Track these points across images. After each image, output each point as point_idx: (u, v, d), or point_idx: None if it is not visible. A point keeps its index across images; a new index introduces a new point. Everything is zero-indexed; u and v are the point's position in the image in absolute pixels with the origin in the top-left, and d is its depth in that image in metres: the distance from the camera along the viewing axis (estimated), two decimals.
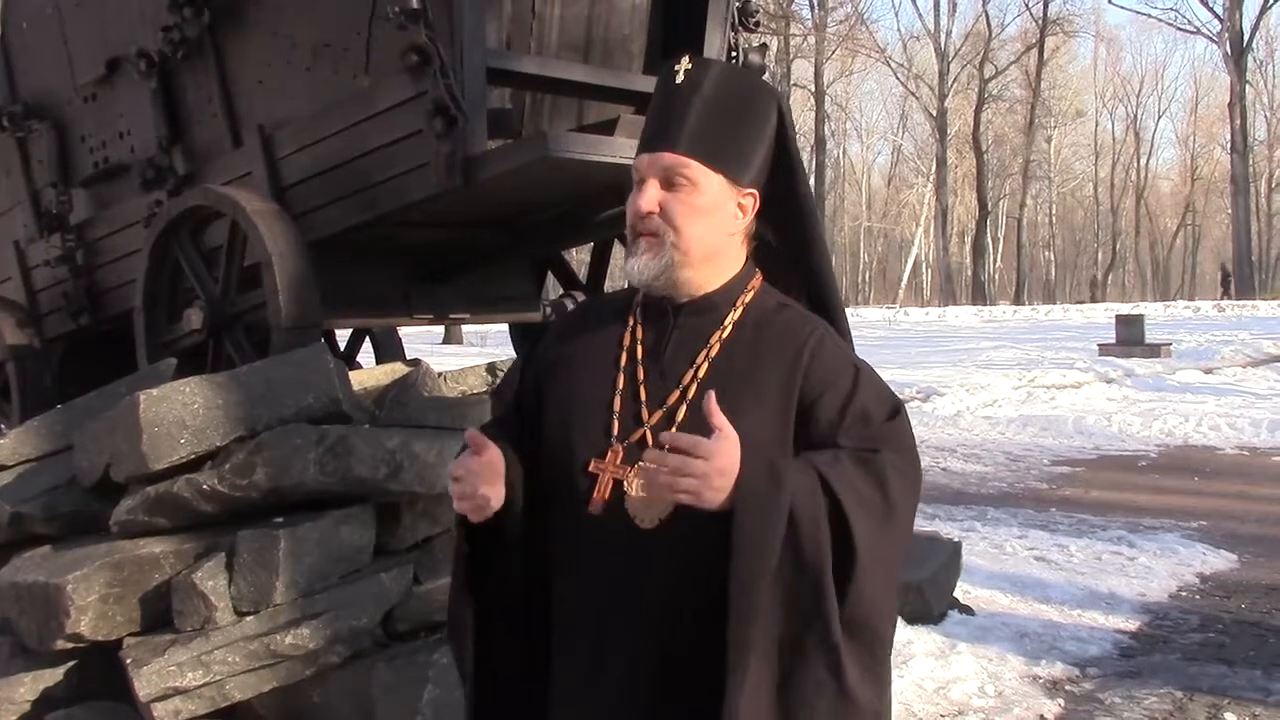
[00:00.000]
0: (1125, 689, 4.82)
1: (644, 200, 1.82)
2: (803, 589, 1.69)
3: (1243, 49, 50.07)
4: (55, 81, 6.10)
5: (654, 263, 1.82)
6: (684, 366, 1.83)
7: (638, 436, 1.80)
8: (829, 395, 1.80)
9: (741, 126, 1.86)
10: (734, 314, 1.86)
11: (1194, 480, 10.03)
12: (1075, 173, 74.89)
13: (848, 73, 64.32)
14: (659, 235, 1.82)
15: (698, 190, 1.82)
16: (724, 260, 1.88)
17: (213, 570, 3.67)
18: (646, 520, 1.77)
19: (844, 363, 1.84)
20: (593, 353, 1.91)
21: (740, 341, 1.84)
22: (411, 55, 4.42)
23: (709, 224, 1.83)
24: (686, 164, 1.81)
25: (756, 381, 1.80)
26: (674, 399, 1.81)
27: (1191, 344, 24.47)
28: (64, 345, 6.37)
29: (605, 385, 1.86)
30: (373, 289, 5.52)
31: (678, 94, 1.85)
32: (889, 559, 1.76)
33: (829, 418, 1.79)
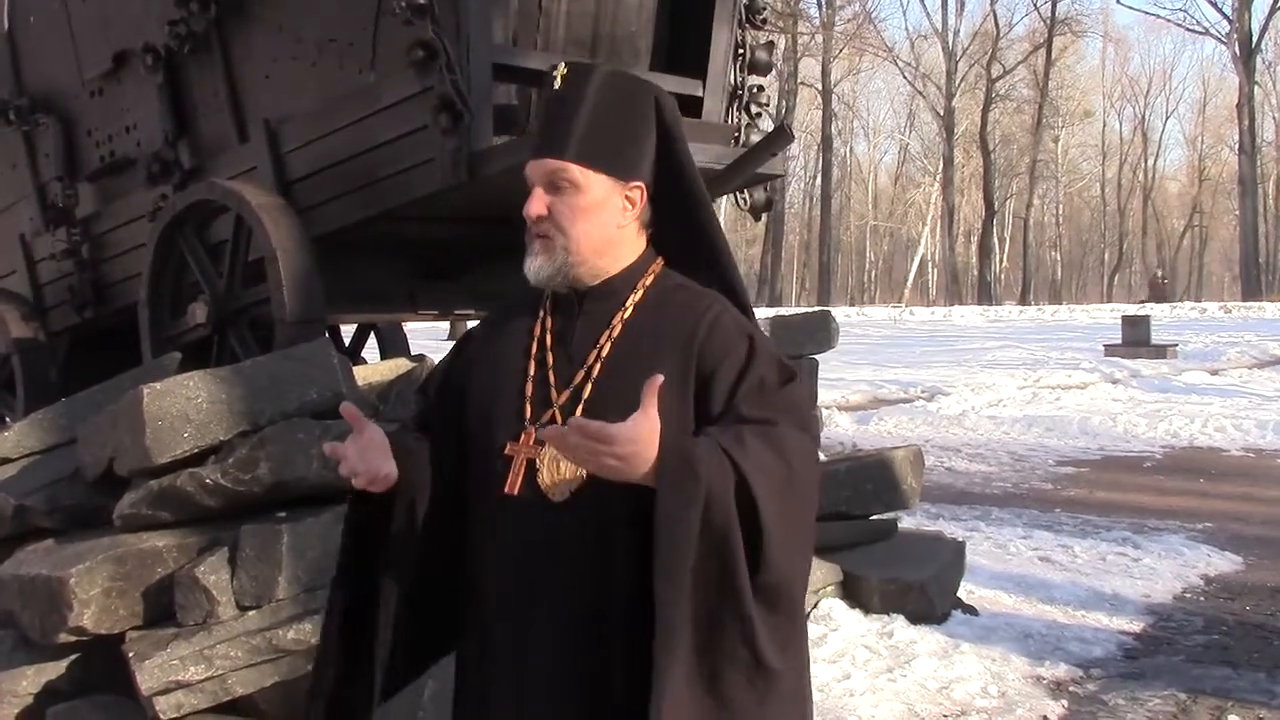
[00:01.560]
0: (1129, 690, 4.81)
1: (531, 205, 1.93)
2: (714, 566, 1.75)
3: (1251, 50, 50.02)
4: (62, 75, 6.11)
5: (548, 264, 1.92)
6: (588, 348, 1.92)
7: (547, 417, 1.88)
8: (725, 366, 1.88)
9: (621, 125, 1.94)
10: (634, 295, 1.95)
11: (1199, 482, 10.00)
12: (1082, 173, 74.81)
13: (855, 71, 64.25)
14: (550, 237, 1.92)
15: (580, 191, 1.91)
16: (619, 250, 1.97)
17: (215, 564, 3.67)
18: (557, 494, 1.85)
19: (739, 334, 1.92)
20: (507, 346, 2.00)
21: (641, 321, 1.93)
22: (417, 50, 4.41)
23: (595, 221, 1.92)
24: (566, 168, 1.90)
25: (656, 357, 1.87)
26: (579, 378, 1.90)
27: (1198, 345, 24.46)
28: (69, 339, 6.37)
29: (517, 374, 1.95)
30: (377, 284, 5.52)
31: (557, 101, 1.95)
32: (798, 528, 1.83)
33: (725, 388, 1.87)
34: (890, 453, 6.25)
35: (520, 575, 1.89)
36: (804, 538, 1.86)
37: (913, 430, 13.13)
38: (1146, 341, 22.73)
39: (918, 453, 6.45)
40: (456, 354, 2.12)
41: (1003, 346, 25.61)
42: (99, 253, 6.01)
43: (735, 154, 5.09)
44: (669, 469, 1.73)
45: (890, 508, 6.05)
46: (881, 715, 4.44)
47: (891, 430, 13.04)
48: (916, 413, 14.54)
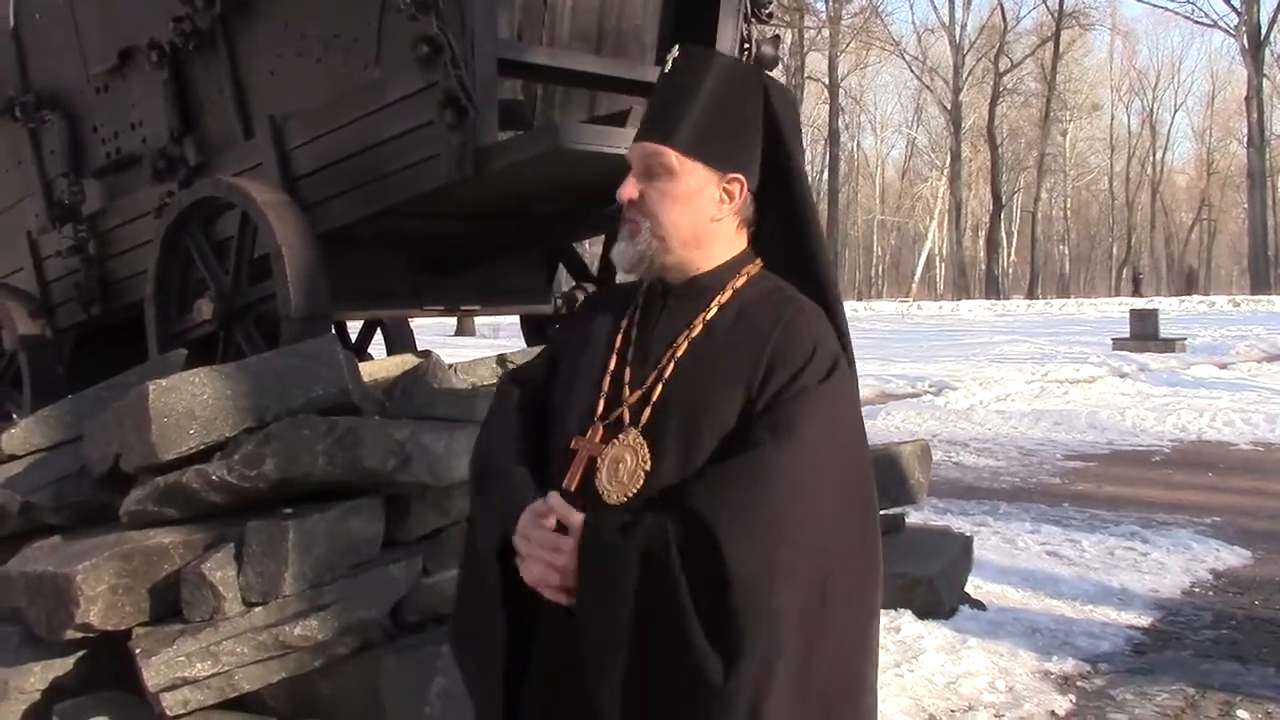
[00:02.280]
0: (1137, 685, 4.80)
1: (623, 189, 1.89)
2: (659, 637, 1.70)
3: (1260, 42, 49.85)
4: (68, 72, 6.11)
5: (632, 249, 1.89)
6: (665, 346, 1.87)
7: (616, 415, 1.84)
8: (779, 371, 1.80)
9: (726, 115, 1.90)
10: (722, 296, 1.89)
11: (1208, 476, 9.98)
12: (1090, 167, 74.70)
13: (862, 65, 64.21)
14: (638, 223, 1.88)
15: (674, 178, 1.86)
16: (711, 244, 1.91)
17: (221, 561, 3.67)
18: (612, 496, 1.80)
19: (806, 340, 1.83)
20: (595, 338, 1.96)
21: (723, 323, 1.87)
22: (422, 46, 4.40)
23: (687, 210, 1.87)
24: (661, 152, 1.86)
25: (729, 361, 1.83)
26: (651, 379, 1.85)
27: (1206, 339, 24.40)
28: (75, 336, 6.37)
29: (598, 367, 1.91)
30: (383, 280, 5.52)
31: (666, 84, 1.91)
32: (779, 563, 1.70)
33: (769, 394, 1.79)
34: (897, 447, 6.24)
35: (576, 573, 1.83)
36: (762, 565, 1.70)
37: (920, 425, 13.11)
38: (1155, 335, 22.68)
39: (925, 447, 6.44)
40: (551, 340, 2.11)
41: (1010, 340, 25.58)
42: (105, 249, 6.01)
43: None
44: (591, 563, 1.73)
45: (897, 503, 6.04)
46: (889, 710, 4.44)
47: (899, 425, 13.02)
48: (924, 407, 14.52)
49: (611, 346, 1.92)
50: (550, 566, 1.77)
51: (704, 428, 1.79)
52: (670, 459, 1.79)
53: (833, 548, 1.75)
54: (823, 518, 1.74)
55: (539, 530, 1.78)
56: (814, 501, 1.74)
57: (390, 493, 3.98)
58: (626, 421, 1.82)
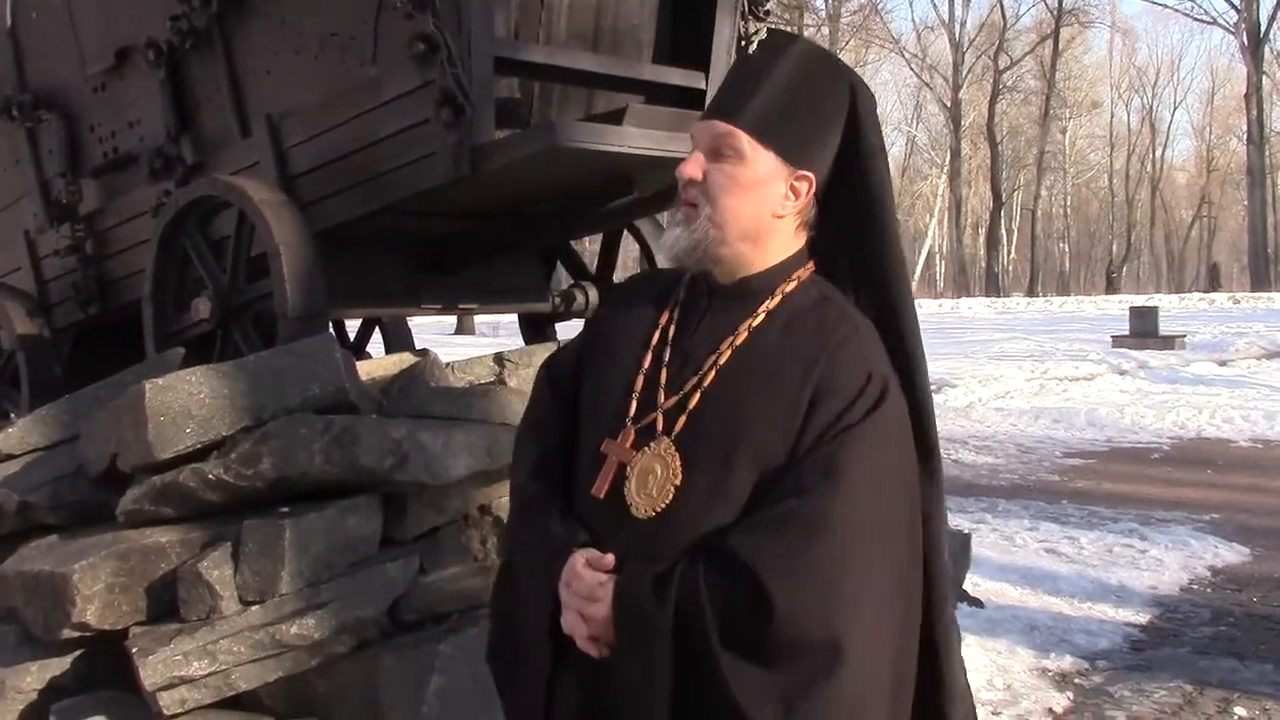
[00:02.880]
0: (1135, 682, 4.80)
1: (686, 167, 1.76)
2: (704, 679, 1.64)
3: (1260, 39, 49.83)
4: (65, 71, 6.10)
5: (686, 236, 1.75)
6: (707, 352, 1.75)
7: (648, 421, 1.73)
8: (827, 403, 1.68)
9: (805, 105, 1.77)
10: (770, 301, 1.77)
11: (1207, 473, 9.98)
12: (1090, 164, 74.64)
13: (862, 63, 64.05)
14: (696, 206, 1.75)
15: (744, 164, 1.73)
16: (768, 243, 1.78)
17: (218, 560, 3.66)
18: (641, 509, 1.70)
19: (860, 367, 1.71)
20: (630, 331, 1.84)
21: (770, 331, 1.75)
22: (418, 44, 4.40)
23: (750, 200, 1.75)
24: (734, 134, 1.73)
25: (773, 379, 1.70)
26: (690, 385, 1.73)
27: (1206, 336, 24.38)
28: (73, 335, 6.37)
29: (632, 365, 1.79)
30: (381, 279, 5.51)
31: (746, 66, 1.79)
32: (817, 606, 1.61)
33: (816, 429, 1.68)
34: None
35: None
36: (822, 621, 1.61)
37: None
38: (1154, 332, 22.67)
39: None
40: (584, 329, 1.99)
41: (1010, 338, 25.55)
42: (103, 249, 6.00)
43: None
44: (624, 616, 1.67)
45: None
46: None
47: None
48: None
49: (648, 344, 1.80)
50: (582, 616, 1.70)
51: (740, 450, 1.69)
52: (702, 476, 1.69)
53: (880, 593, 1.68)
54: (875, 562, 1.66)
55: (579, 580, 1.71)
56: (866, 550, 1.65)
57: (387, 491, 3.98)
58: (660, 428, 1.72)
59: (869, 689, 1.64)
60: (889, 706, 1.70)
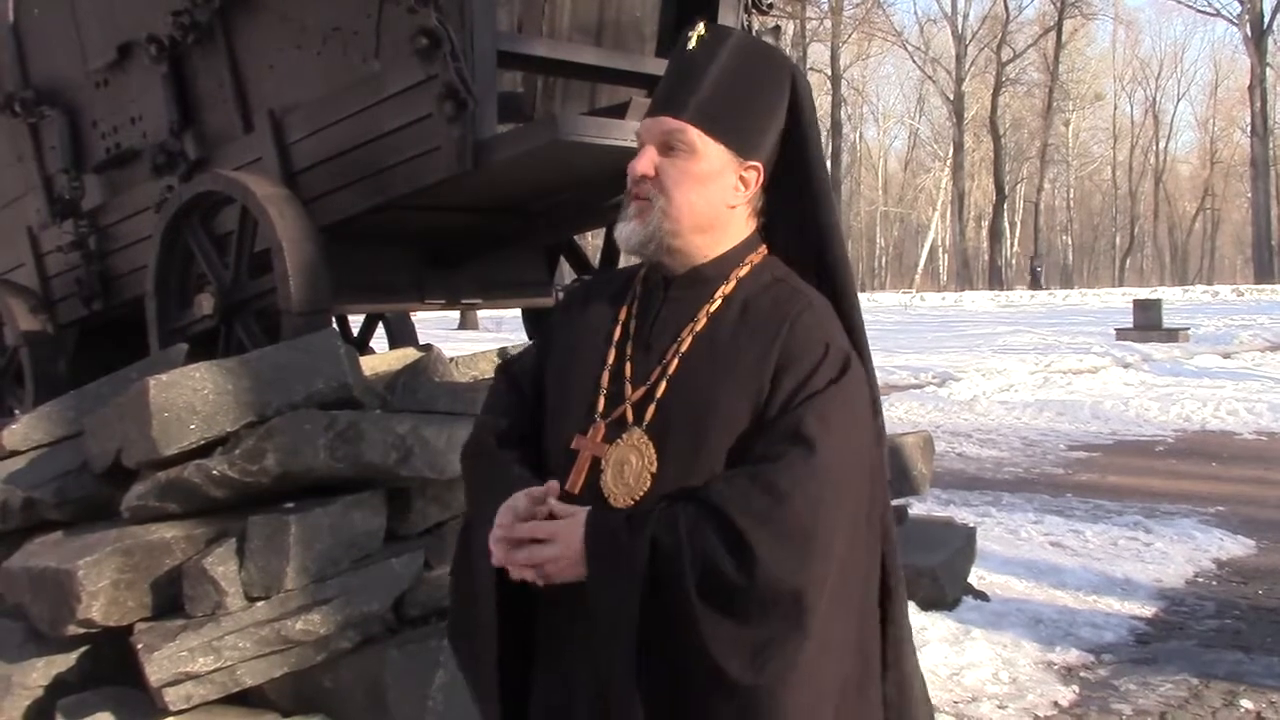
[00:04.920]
0: (1140, 676, 4.79)
1: (638, 163, 1.78)
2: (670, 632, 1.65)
3: (1263, 31, 49.71)
4: (67, 67, 6.09)
5: (641, 228, 1.78)
6: (668, 341, 1.78)
7: (618, 413, 1.76)
8: (791, 372, 1.72)
9: (750, 98, 1.80)
10: (725, 287, 1.80)
11: (1211, 465, 9.97)
12: (1093, 156, 74.55)
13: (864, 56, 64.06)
14: (649, 200, 1.77)
15: (695, 157, 1.76)
16: (722, 233, 1.82)
17: (224, 556, 3.67)
18: (618, 500, 1.73)
19: (817, 340, 1.75)
20: (590, 329, 1.86)
21: (728, 316, 1.78)
22: (421, 38, 4.38)
23: (704, 193, 1.78)
24: (684, 129, 1.76)
25: (735, 358, 1.74)
26: (655, 374, 1.76)
27: (1209, 328, 24.37)
28: (77, 331, 6.37)
29: (596, 361, 1.81)
30: (384, 274, 5.50)
31: (688, 60, 1.80)
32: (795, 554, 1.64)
33: (782, 397, 1.71)
34: (900, 438, 6.23)
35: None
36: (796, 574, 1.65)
37: (923, 416, 13.11)
38: (1158, 325, 22.67)
39: (927, 438, 6.43)
40: (541, 333, 1.99)
41: (1014, 331, 25.56)
42: (106, 245, 6.00)
43: None
44: (596, 545, 1.67)
45: (900, 494, 6.04)
46: None
47: (902, 416, 13.01)
48: (927, 398, 14.51)
49: (610, 339, 1.82)
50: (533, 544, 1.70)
51: (711, 428, 1.72)
52: (677, 460, 1.72)
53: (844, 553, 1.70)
54: (840, 525, 1.69)
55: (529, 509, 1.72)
56: (835, 511, 1.68)
57: (392, 487, 3.98)
58: (630, 420, 1.75)
59: (833, 647, 1.68)
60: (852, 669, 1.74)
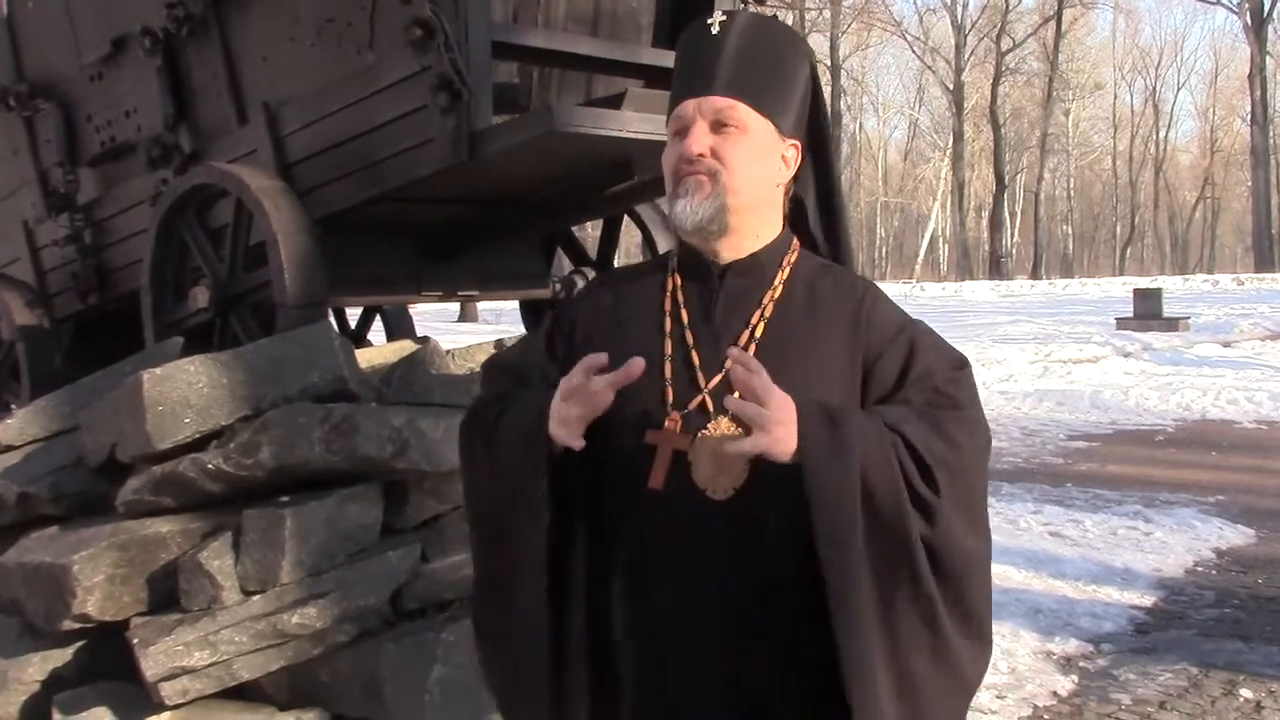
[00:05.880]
0: (1140, 665, 4.79)
1: (695, 141, 1.74)
2: (886, 541, 1.64)
3: (1263, 19, 49.63)
4: (61, 60, 6.07)
5: (707, 203, 1.73)
6: (739, 328, 1.75)
7: (696, 403, 1.71)
8: (890, 353, 1.76)
9: (784, 75, 1.81)
10: (782, 274, 1.80)
11: (1211, 455, 9.96)
12: (1093, 146, 74.42)
13: (864, 46, 63.96)
14: (711, 176, 1.74)
15: (747, 134, 1.75)
16: (769, 213, 1.82)
17: (219, 550, 3.66)
18: (719, 490, 1.69)
19: (900, 320, 1.81)
20: (632, 321, 1.81)
21: (794, 301, 1.78)
22: (415, 29, 4.36)
23: (759, 169, 1.77)
24: (735, 106, 1.75)
25: (818, 341, 1.75)
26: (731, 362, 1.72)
27: (1210, 317, 24.33)
28: (74, 325, 6.35)
29: (652, 353, 1.74)
30: (380, 267, 5.49)
31: (714, 42, 1.78)
32: (971, 508, 1.72)
33: (890, 376, 1.76)
34: None
35: (675, 575, 1.72)
36: (972, 521, 1.72)
37: None
38: (1158, 314, 22.62)
39: None
40: (557, 329, 1.90)
41: (1014, 321, 25.52)
42: (101, 238, 5.99)
43: None
44: (809, 420, 1.62)
45: None
46: None
47: None
48: None
49: (661, 330, 1.77)
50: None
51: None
52: None
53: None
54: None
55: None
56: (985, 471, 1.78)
57: (388, 480, 3.97)
58: (712, 410, 1.70)
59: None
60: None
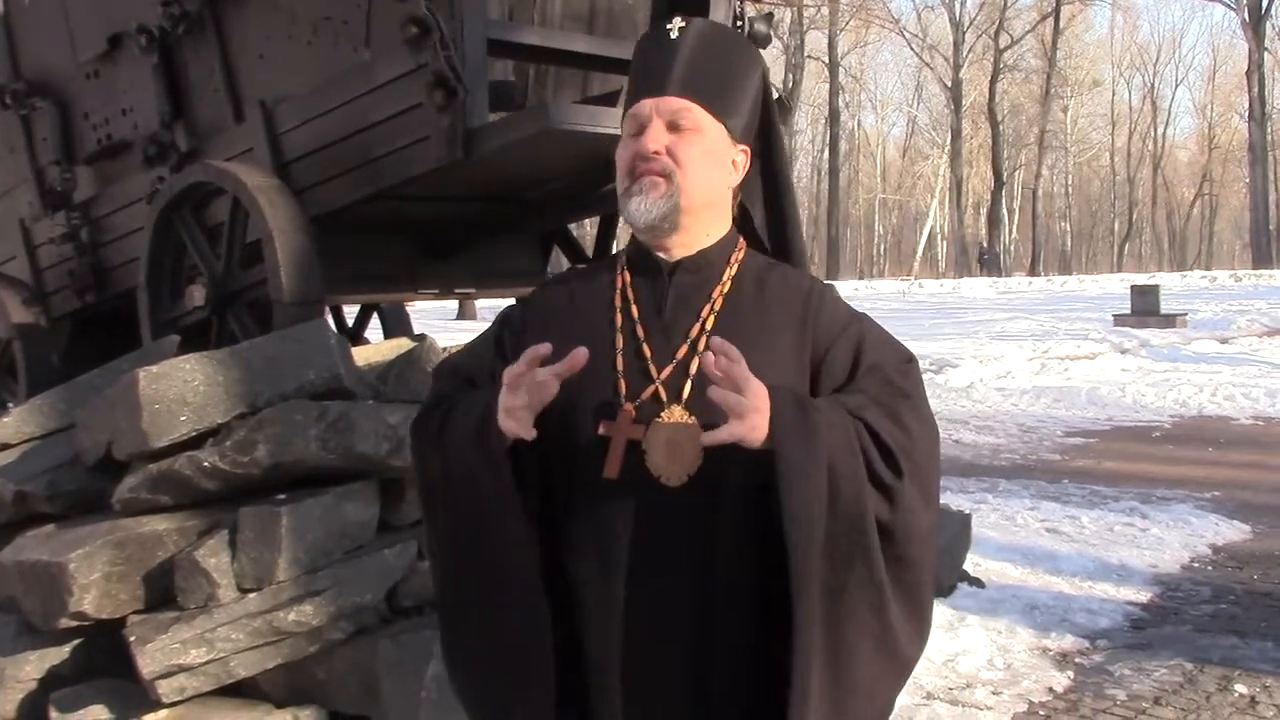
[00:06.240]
0: (1135, 661, 4.79)
1: (651, 139, 1.77)
2: (843, 526, 1.67)
3: (1261, 16, 49.62)
4: (58, 58, 6.07)
5: (661, 201, 1.77)
6: (689, 321, 1.78)
7: (649, 393, 1.74)
8: (838, 346, 1.81)
9: (734, 82, 1.84)
10: (730, 270, 1.84)
11: (1208, 451, 9.97)
12: (1091, 143, 74.40)
13: (862, 44, 63.92)
14: (666, 175, 1.77)
15: (702, 136, 1.79)
16: (720, 214, 1.86)
17: (215, 547, 3.66)
18: (673, 477, 1.71)
19: (848, 314, 1.85)
20: (582, 318, 1.83)
21: (742, 295, 1.82)
22: (410, 27, 4.36)
23: (714, 170, 1.81)
24: (692, 108, 1.78)
25: (766, 334, 1.78)
26: (683, 353, 1.76)
27: (1207, 314, 24.35)
28: (71, 323, 6.36)
29: (603, 348, 1.77)
30: (377, 264, 5.49)
31: (672, 46, 1.82)
32: (923, 496, 1.76)
33: (841, 368, 1.80)
34: None
35: (630, 563, 1.74)
36: (932, 516, 1.77)
37: None
38: (1156, 311, 22.65)
39: None
40: (506, 329, 1.91)
41: (1011, 318, 25.54)
42: (98, 236, 5.99)
43: None
44: (782, 404, 1.64)
45: None
46: None
47: None
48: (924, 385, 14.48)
49: (613, 326, 1.80)
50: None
51: None
52: None
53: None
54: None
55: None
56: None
57: (384, 477, 3.97)
58: (665, 399, 1.73)
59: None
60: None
